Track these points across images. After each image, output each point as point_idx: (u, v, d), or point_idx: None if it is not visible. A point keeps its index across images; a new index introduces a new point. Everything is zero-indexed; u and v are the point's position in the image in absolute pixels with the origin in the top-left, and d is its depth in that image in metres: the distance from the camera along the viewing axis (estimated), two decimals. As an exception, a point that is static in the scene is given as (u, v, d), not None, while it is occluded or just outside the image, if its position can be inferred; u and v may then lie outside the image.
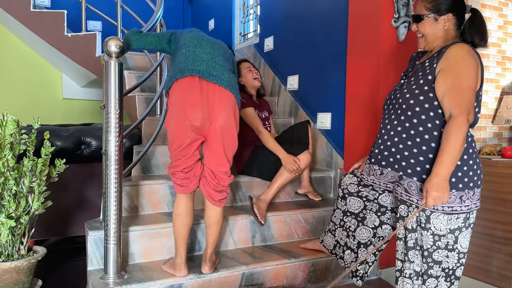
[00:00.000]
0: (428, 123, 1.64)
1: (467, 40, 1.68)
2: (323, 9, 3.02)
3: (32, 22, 3.62)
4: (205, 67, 1.85)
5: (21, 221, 2.03)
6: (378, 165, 1.83)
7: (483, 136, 2.89)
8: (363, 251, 2.04)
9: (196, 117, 1.82)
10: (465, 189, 1.62)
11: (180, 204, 1.95)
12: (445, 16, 1.67)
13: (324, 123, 2.99)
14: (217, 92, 1.84)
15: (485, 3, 2.82)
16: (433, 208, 1.62)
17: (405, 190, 1.70)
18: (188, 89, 1.83)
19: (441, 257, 1.66)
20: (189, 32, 2.05)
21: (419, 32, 1.73)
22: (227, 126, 1.87)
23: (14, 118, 2.06)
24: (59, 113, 4.76)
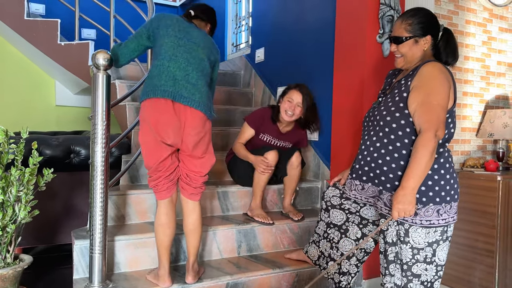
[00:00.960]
0: (405, 139, 1.69)
1: (441, 59, 1.74)
2: (311, 23, 3.08)
3: (25, 30, 3.66)
4: (177, 88, 1.87)
5: (7, 230, 2.05)
6: (359, 180, 1.88)
7: (467, 149, 2.94)
8: (347, 263, 2.09)
9: (168, 136, 1.88)
10: (442, 203, 1.66)
11: (161, 213, 1.97)
12: (425, 38, 1.73)
13: (313, 135, 3.03)
14: (188, 113, 1.89)
15: (469, 19, 2.88)
16: (412, 222, 1.66)
17: (385, 204, 1.75)
18: (159, 110, 1.87)
19: (420, 270, 1.70)
20: (166, 27, 1.99)
21: (399, 53, 1.78)
22: (198, 143, 1.94)
23: (2, 128, 2.08)
24: (52, 120, 4.78)
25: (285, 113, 2.62)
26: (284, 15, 3.44)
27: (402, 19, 1.77)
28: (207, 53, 2.03)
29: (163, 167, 1.94)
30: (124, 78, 3.68)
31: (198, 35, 2.04)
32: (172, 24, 2.00)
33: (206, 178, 2.05)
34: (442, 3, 2.75)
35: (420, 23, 1.73)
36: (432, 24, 1.75)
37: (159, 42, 1.98)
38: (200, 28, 2.11)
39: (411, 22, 1.74)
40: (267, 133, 2.72)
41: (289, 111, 2.60)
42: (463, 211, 2.63)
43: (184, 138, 1.90)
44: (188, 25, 2.05)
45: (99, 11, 3.85)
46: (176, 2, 5.63)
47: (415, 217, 1.66)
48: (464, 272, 2.62)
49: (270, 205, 2.82)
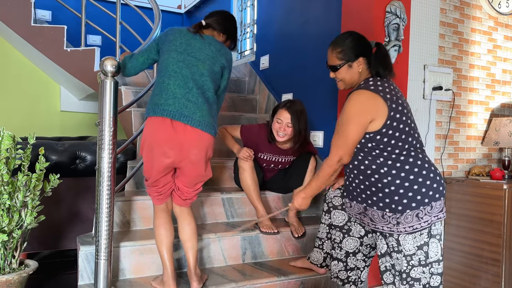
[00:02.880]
0: (366, 160, 1.79)
1: (373, 73, 1.84)
2: (317, 30, 3.09)
3: (32, 36, 3.68)
4: (176, 107, 1.87)
5: (13, 235, 2.05)
6: (348, 199, 1.97)
7: (472, 157, 2.94)
8: (353, 259, 2.10)
9: (167, 156, 1.89)
10: (419, 207, 1.73)
11: (159, 223, 2.03)
12: (357, 60, 1.84)
13: (317, 141, 3.03)
14: (188, 132, 1.88)
15: (475, 27, 2.89)
16: (398, 231, 1.75)
17: (370, 219, 1.84)
18: (158, 129, 1.88)
19: (418, 274, 1.76)
20: (170, 42, 2.00)
21: (337, 78, 1.90)
22: (197, 162, 1.94)
23: (10, 133, 2.09)
24: (57, 125, 4.80)
25: (277, 135, 2.51)
26: (289, 23, 3.46)
27: (332, 47, 1.89)
28: (210, 64, 1.98)
29: (156, 184, 1.99)
30: (130, 84, 3.70)
31: (201, 47, 1.99)
32: (174, 39, 1.99)
33: (199, 190, 2.06)
34: (448, 11, 2.76)
35: (350, 48, 1.84)
36: (361, 46, 1.85)
37: (162, 57, 2.00)
38: (206, 37, 2.04)
39: (340, 50, 1.85)
40: (267, 151, 2.65)
41: (280, 131, 2.49)
42: (469, 219, 2.62)
43: (184, 157, 1.90)
44: (191, 36, 2.01)
45: (105, 17, 3.87)
46: (181, 9, 5.67)
47: (398, 226, 1.74)
48: (470, 281, 2.60)
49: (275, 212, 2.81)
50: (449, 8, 2.77)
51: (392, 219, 1.75)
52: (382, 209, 1.77)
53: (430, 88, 2.66)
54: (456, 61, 2.81)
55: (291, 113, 2.47)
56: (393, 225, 1.75)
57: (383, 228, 1.80)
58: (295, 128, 2.48)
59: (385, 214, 1.76)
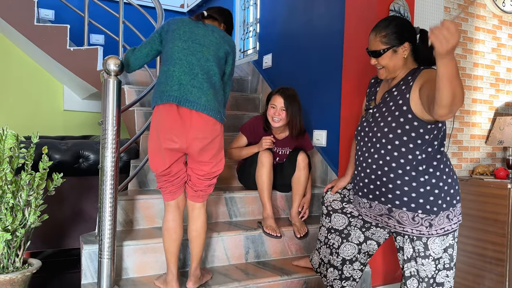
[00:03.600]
0: (409, 155, 1.67)
1: (420, 59, 1.74)
2: (320, 29, 3.08)
3: (35, 35, 3.69)
4: (182, 93, 1.88)
5: (17, 234, 2.06)
6: (366, 199, 1.84)
7: (476, 156, 2.92)
8: (349, 267, 2.04)
9: (173, 141, 1.88)
10: (449, 208, 1.68)
11: (168, 219, 1.99)
12: (402, 46, 1.72)
13: (320, 141, 3.03)
14: (194, 117, 1.89)
15: (479, 26, 2.88)
16: (428, 234, 1.67)
17: (398, 222, 1.74)
18: (164, 115, 1.88)
19: (442, 278, 1.72)
20: (173, 31, 2.00)
21: (379, 65, 1.76)
22: (204, 148, 1.93)
23: (13, 132, 2.09)
24: (60, 124, 4.81)
25: (272, 120, 2.59)
26: (292, 22, 3.45)
27: (375, 32, 1.75)
28: (214, 50, 2.00)
29: (167, 173, 1.95)
30: (133, 83, 3.70)
31: (204, 33, 2.01)
32: (177, 28, 2.01)
33: (212, 182, 2.04)
34: (451, 10, 2.74)
35: (395, 33, 1.71)
36: (406, 30, 1.74)
37: (166, 47, 2.00)
38: (208, 25, 2.07)
39: (385, 34, 1.72)
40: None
41: (275, 117, 2.57)
42: (473, 218, 2.61)
43: (190, 142, 1.90)
44: (194, 25, 2.03)
45: (108, 17, 3.88)
46: (184, 8, 5.67)
47: (431, 228, 1.67)
48: (474, 281, 2.59)
49: (278, 211, 2.81)
50: (453, 7, 2.76)
51: (425, 221, 1.67)
52: (413, 210, 1.67)
53: (434, 87, 2.65)
54: (460, 60, 2.80)
55: (284, 98, 2.56)
56: (425, 228, 1.67)
57: (412, 231, 1.70)
58: (289, 112, 2.56)
59: (416, 215, 1.66)
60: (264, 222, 2.50)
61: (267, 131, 2.69)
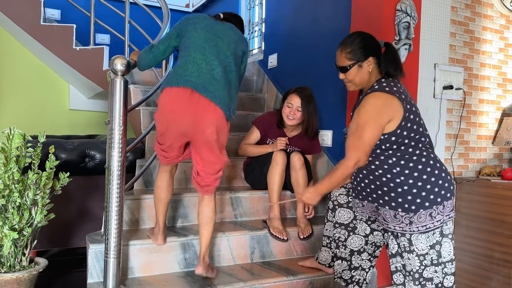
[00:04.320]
0: (376, 161, 1.79)
1: (383, 72, 1.83)
2: (326, 29, 3.07)
3: (41, 35, 3.70)
4: (201, 80, 1.89)
5: (24, 233, 2.06)
6: (358, 199, 1.96)
7: (483, 157, 2.91)
8: (357, 257, 2.10)
9: (182, 125, 1.91)
10: (432, 206, 1.72)
11: (159, 178, 2.13)
12: (367, 60, 1.82)
13: (326, 141, 3.02)
14: (210, 108, 1.90)
15: (486, 26, 2.86)
16: (410, 231, 1.75)
17: (383, 218, 1.84)
18: (176, 99, 1.89)
19: (430, 273, 1.76)
20: (194, 24, 2.03)
21: (347, 80, 1.87)
22: (213, 141, 1.95)
23: (20, 132, 2.10)
24: (65, 123, 4.82)
25: (287, 118, 2.63)
26: (298, 21, 3.44)
27: (341, 48, 1.87)
28: (233, 48, 2.03)
29: (166, 150, 2.03)
30: (138, 83, 3.70)
31: (224, 30, 2.04)
32: (199, 21, 2.04)
33: (219, 175, 2.07)
34: (458, 9, 2.73)
35: (360, 49, 1.82)
36: (370, 45, 1.84)
37: (187, 36, 2.01)
38: (225, 23, 2.11)
39: (350, 50, 1.83)
40: (274, 137, 2.71)
41: (290, 115, 2.61)
42: (480, 219, 2.59)
43: (199, 131, 1.91)
44: (214, 21, 2.07)
45: (114, 16, 3.88)
46: (189, 8, 5.67)
47: (411, 225, 1.74)
48: (481, 282, 2.58)
49: (284, 212, 2.80)
50: (460, 6, 2.74)
51: (405, 218, 1.75)
52: (394, 209, 1.76)
53: (440, 87, 2.64)
54: (467, 60, 2.78)
55: (301, 98, 2.60)
56: (405, 225, 1.75)
57: (395, 227, 1.79)
58: (304, 113, 2.60)
59: (397, 213, 1.76)
60: (270, 222, 2.50)
61: (280, 128, 2.72)
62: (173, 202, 2.45)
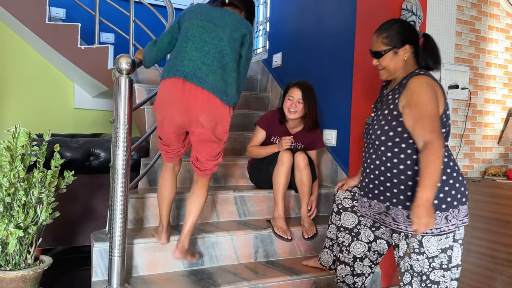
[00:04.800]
0: (401, 154, 1.72)
1: (421, 65, 1.77)
2: (331, 28, 3.06)
3: (47, 34, 3.71)
4: (190, 68, 1.90)
5: (29, 231, 2.07)
6: (366, 198, 1.91)
7: (488, 157, 2.89)
8: (360, 264, 2.07)
9: (175, 117, 1.92)
10: (449, 209, 1.68)
11: (162, 177, 2.15)
12: (403, 48, 1.77)
13: (330, 140, 3.01)
14: (199, 94, 1.89)
15: (492, 25, 2.84)
16: (423, 232, 1.68)
17: (393, 219, 1.78)
18: (170, 90, 1.92)
19: (438, 277, 1.72)
20: (190, 12, 2.03)
21: (380, 66, 1.81)
22: (208, 127, 1.94)
23: (26, 130, 2.11)
24: (70, 122, 4.84)
25: (288, 112, 2.64)
26: (303, 21, 3.44)
27: (378, 33, 1.81)
28: (230, 31, 1.99)
29: (167, 144, 2.05)
30: (143, 82, 3.71)
31: (221, 15, 2.02)
32: (195, 9, 2.04)
33: (218, 161, 2.08)
34: (465, 8, 2.71)
35: (397, 34, 1.76)
36: (408, 33, 1.78)
37: (182, 27, 2.02)
38: (226, 9, 2.09)
39: (387, 35, 1.78)
40: (277, 135, 2.73)
41: (291, 108, 2.63)
42: (485, 220, 2.58)
43: (192, 119, 1.92)
44: (212, 8, 2.06)
45: (118, 15, 3.89)
46: (194, 6, 5.67)
47: None
48: (485, 282, 2.56)
49: (288, 211, 2.80)
50: (466, 6, 2.72)
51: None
52: (408, 209, 1.70)
53: (446, 87, 2.63)
54: (472, 59, 2.77)
55: (302, 90, 2.63)
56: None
57: (406, 228, 1.73)
58: (305, 105, 2.63)
59: (411, 214, 1.67)
60: (274, 222, 2.49)
61: (283, 124, 2.73)
62: (177, 201, 2.45)
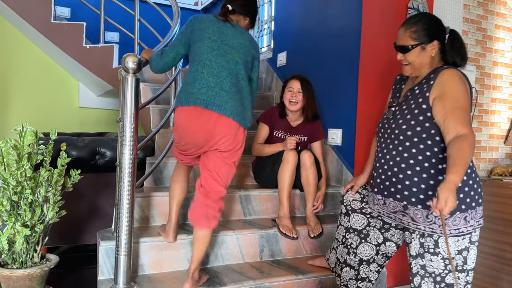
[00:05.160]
0: (427, 152, 1.67)
1: (448, 61, 1.72)
2: (336, 28, 3.05)
3: (52, 33, 3.72)
4: (209, 96, 1.88)
5: (35, 229, 2.08)
6: (381, 195, 1.84)
7: (495, 156, 2.88)
8: (365, 268, 2.04)
9: (196, 141, 1.94)
10: (468, 210, 1.65)
11: (175, 181, 2.18)
12: (431, 43, 1.70)
13: (335, 139, 3.01)
14: (220, 121, 1.90)
15: (499, 24, 2.83)
16: (440, 233, 1.64)
17: (412, 219, 1.72)
18: (190, 118, 1.91)
19: (453, 279, 1.67)
20: (201, 31, 1.98)
21: (406, 61, 1.74)
22: (228, 152, 1.96)
23: (32, 129, 2.12)
24: (75, 121, 4.85)
25: (289, 104, 2.71)
26: (308, 19, 3.43)
27: (405, 26, 1.73)
28: (243, 53, 2.00)
29: (183, 153, 2.06)
30: (148, 81, 3.71)
31: (234, 35, 2.00)
32: (205, 27, 1.99)
33: (223, 193, 2.03)
34: (471, 7, 2.70)
35: (425, 30, 1.69)
36: (437, 28, 1.72)
37: (194, 47, 1.98)
38: (236, 25, 2.06)
39: (415, 30, 1.70)
40: (280, 129, 2.78)
41: (292, 99, 2.69)
42: (491, 220, 2.57)
43: (213, 144, 1.93)
44: (222, 24, 2.01)
45: (123, 14, 3.90)
46: (198, 6, 5.67)
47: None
48: (491, 283, 2.55)
49: (293, 210, 2.80)
50: (473, 4, 2.71)
51: (439, 219, 1.64)
52: (428, 209, 1.66)
53: (452, 86, 2.61)
54: (479, 59, 2.76)
55: (300, 81, 2.73)
56: (437, 226, 1.66)
57: (425, 228, 1.68)
58: (305, 95, 2.71)
59: (430, 213, 1.65)
60: (279, 221, 2.49)
61: (283, 118, 2.78)
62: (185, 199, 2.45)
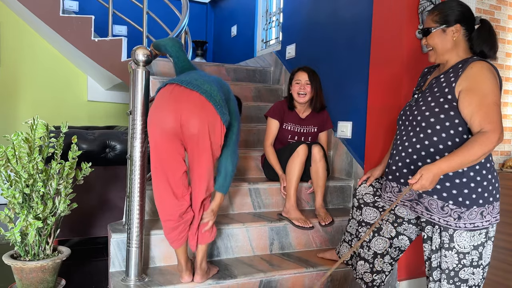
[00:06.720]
0: (449, 141, 1.64)
1: (476, 51, 1.68)
2: (346, 19, 3.02)
3: (60, 26, 3.72)
4: (188, 79, 1.82)
5: (47, 222, 2.10)
6: (396, 182, 1.81)
7: (507, 149, 2.84)
8: (380, 261, 2.03)
9: (165, 121, 1.75)
10: (485, 205, 1.62)
11: None
12: (453, 27, 1.67)
13: (345, 132, 2.99)
14: (191, 98, 1.76)
15: (512, 14, 2.78)
16: (456, 226, 1.62)
17: (426, 208, 1.70)
18: (161, 96, 1.81)
19: (467, 275, 1.66)
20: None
21: (429, 46, 1.73)
22: (199, 135, 1.78)
23: (43, 122, 2.13)
24: (84, 115, 4.88)
25: (298, 96, 2.71)
26: (317, 11, 3.40)
27: (431, 11, 1.74)
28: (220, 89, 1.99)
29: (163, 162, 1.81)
30: (157, 74, 3.71)
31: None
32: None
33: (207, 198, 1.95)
34: (484, -2, 2.65)
35: (447, 13, 1.68)
36: (461, 13, 1.68)
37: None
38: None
39: (438, 13, 1.70)
40: (289, 121, 2.78)
41: (301, 91, 2.69)
42: (503, 213, 2.54)
43: (184, 123, 1.75)
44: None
45: (131, 7, 3.89)
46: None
47: (459, 221, 1.61)
48: (504, 276, 2.53)
49: (303, 203, 2.79)
50: (486, -6, 2.66)
51: (454, 212, 1.62)
52: (444, 200, 1.62)
53: (464, 78, 2.57)
54: (492, 50, 2.71)
55: (307, 72, 2.72)
56: (453, 219, 1.62)
57: (439, 220, 1.66)
58: (313, 86, 2.71)
59: (446, 205, 1.62)
60: (288, 214, 2.49)
61: (291, 110, 2.78)
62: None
